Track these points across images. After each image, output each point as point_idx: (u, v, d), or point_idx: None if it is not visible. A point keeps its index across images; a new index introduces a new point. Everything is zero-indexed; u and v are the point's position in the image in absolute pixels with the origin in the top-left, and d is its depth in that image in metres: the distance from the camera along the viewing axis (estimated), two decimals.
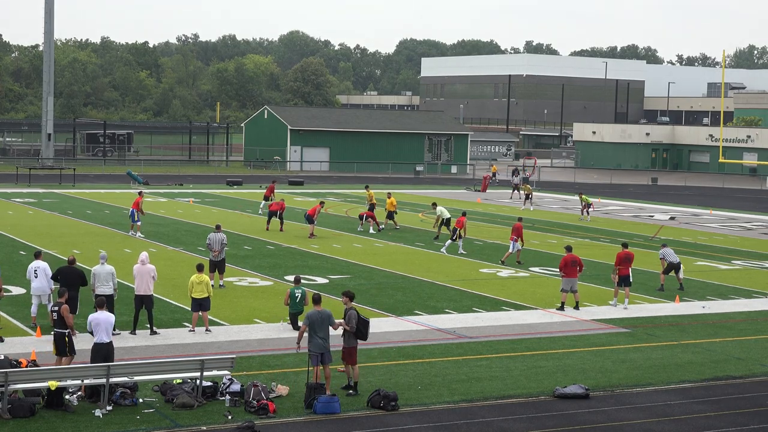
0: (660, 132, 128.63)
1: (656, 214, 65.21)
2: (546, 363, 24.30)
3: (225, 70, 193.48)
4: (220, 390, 20.49)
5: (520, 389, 21.87)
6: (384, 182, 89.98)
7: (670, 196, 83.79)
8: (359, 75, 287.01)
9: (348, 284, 34.35)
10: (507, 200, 73.66)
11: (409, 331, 27.36)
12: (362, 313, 29.48)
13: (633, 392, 22.10)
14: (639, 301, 33.48)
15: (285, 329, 26.49)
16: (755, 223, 62.83)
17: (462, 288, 34.61)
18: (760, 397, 22.03)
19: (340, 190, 79.30)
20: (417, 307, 30.66)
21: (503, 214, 62.89)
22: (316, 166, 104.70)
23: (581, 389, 21.59)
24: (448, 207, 53.44)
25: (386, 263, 39.51)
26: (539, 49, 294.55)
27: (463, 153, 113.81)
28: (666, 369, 24.15)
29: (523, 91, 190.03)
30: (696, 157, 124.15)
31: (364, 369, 22.91)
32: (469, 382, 22.23)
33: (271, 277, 35.35)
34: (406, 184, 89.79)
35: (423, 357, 24.45)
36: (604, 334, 28.02)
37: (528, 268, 39.60)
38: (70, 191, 69.99)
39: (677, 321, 30.25)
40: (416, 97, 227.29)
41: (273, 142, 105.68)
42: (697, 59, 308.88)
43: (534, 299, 32.80)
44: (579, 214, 61.77)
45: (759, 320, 30.97)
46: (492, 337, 27.08)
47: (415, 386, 21.74)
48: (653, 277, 38.72)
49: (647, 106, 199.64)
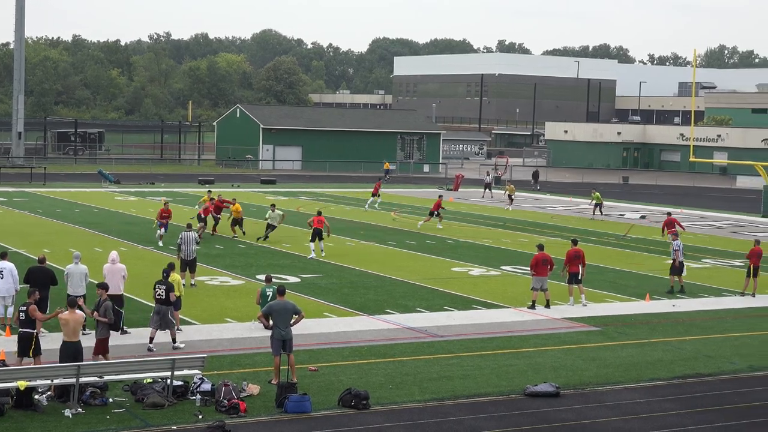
0: (631, 131, 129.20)
1: (627, 213, 65.46)
2: (517, 361, 24.37)
3: (197, 68, 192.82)
4: (190, 389, 20.43)
5: (491, 388, 21.92)
6: (357, 181, 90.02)
7: (641, 195, 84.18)
8: (332, 74, 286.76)
9: (320, 283, 34.37)
10: (479, 199, 73.78)
11: (380, 330, 27.37)
12: (333, 312, 29.57)
13: (603, 390, 22.19)
14: (609, 299, 33.61)
15: (256, 328, 26.44)
16: (725, 221, 63.19)
17: (434, 287, 34.65)
18: (729, 395, 22.17)
19: (313, 189, 79.22)
20: (389, 306, 30.67)
21: (475, 213, 63.00)
22: (289, 165, 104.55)
23: (552, 387, 21.65)
24: (421, 206, 53.40)
25: (358, 262, 39.50)
26: (512, 49, 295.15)
27: (435, 152, 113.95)
28: (636, 367, 24.26)
29: (496, 90, 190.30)
30: (667, 156, 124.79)
31: (335, 368, 22.93)
32: (440, 381, 22.26)
33: (243, 276, 35.28)
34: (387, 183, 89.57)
35: (394, 356, 24.47)
36: (575, 333, 28.12)
37: (499, 267, 39.69)
38: (40, 190, 69.60)
39: (647, 319, 30.39)
40: (389, 96, 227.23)
41: (245, 140, 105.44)
42: (668, 59, 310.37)
43: (505, 298, 32.87)
44: (578, 212, 62.00)
45: (728, 318, 31.16)
46: (463, 335, 27.12)
47: (387, 385, 21.75)
48: (623, 275, 38.92)
49: (619, 106, 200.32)
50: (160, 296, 24.57)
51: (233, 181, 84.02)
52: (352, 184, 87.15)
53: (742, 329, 29.46)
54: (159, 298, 24.59)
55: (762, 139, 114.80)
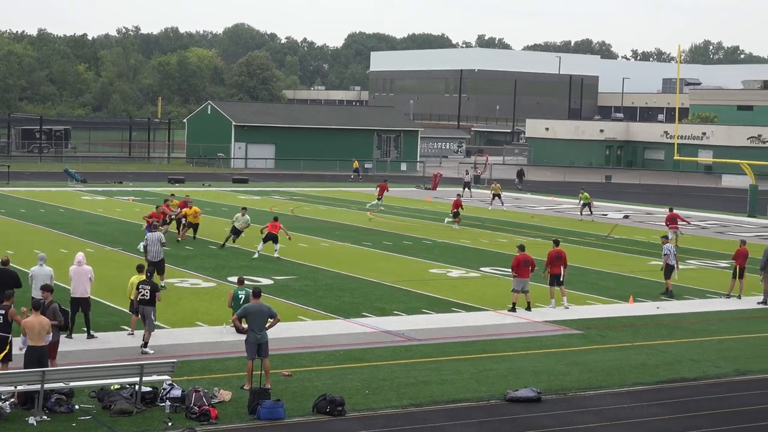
0: (614, 129, 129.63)
1: (610, 213, 65.64)
2: (497, 366, 24.39)
3: (167, 63, 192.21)
4: (159, 396, 20.34)
5: (471, 393, 21.93)
6: (332, 180, 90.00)
7: (624, 194, 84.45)
8: (306, 69, 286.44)
9: (294, 285, 34.31)
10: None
11: (356, 334, 27.34)
12: (307, 315, 29.53)
13: (586, 395, 22.23)
14: (592, 301, 33.70)
15: (228, 332, 26.36)
16: (710, 221, 63.46)
17: (411, 289, 34.65)
18: (714, 400, 22.25)
19: (286, 188, 79.11)
20: (365, 309, 30.65)
21: None
22: (262, 164, 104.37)
23: (533, 392, 21.67)
24: (397, 206, 53.47)
25: (333, 263, 39.47)
26: (491, 44, 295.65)
27: (413, 150, 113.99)
28: (619, 371, 24.32)
29: (475, 86, 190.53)
30: (650, 155, 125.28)
31: (309, 373, 22.89)
32: (418, 386, 22.25)
33: (214, 278, 35.19)
34: (353, 182, 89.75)
35: (371, 360, 24.45)
36: (557, 336, 28.17)
37: (479, 268, 39.73)
38: (4, 189, 69.20)
39: (631, 322, 30.48)
40: (365, 93, 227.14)
41: (217, 138, 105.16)
42: (652, 54, 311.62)
43: (485, 300, 32.90)
44: (574, 212, 61.93)
45: (713, 321, 31.29)
46: (442, 339, 27.12)
47: (363, 390, 21.73)
48: (606, 276, 39.03)
49: (601, 102, 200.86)
50: (144, 296, 24.59)
51: (204, 180, 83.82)
52: (327, 183, 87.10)
53: (727, 332, 29.59)
54: (142, 299, 24.58)
55: (748, 137, 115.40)
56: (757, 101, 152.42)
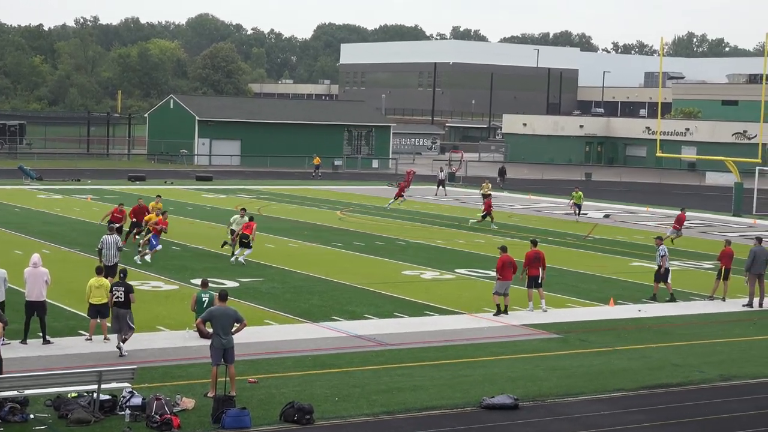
0: (594, 124, 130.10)
1: (590, 212, 65.84)
2: (472, 371, 24.41)
3: (127, 55, 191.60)
4: (119, 404, 20.25)
5: (445, 400, 21.93)
6: (300, 178, 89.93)
7: (605, 192, 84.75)
8: (273, 62, 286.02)
9: (260, 288, 34.25)
10: (431, 197, 73.93)
11: (325, 339, 27.31)
12: (275, 319, 29.46)
13: (565, 402, 22.27)
14: (571, 304, 33.79)
15: (191, 337, 26.28)
16: (694, 221, 63.70)
17: (383, 291, 34.64)
18: (697, 406, 22.34)
19: (252, 186, 78.99)
20: (334, 313, 30.62)
21: (428, 212, 63.10)
22: (226, 160, 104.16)
23: (510, 399, 21.70)
24: (369, 205, 53.47)
25: (301, 265, 39.41)
26: (467, 36, 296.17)
27: (385, 146, 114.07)
28: (599, 377, 24.38)
29: (450, 80, 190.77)
30: (632, 151, 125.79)
31: (276, 379, 22.84)
32: (390, 393, 22.25)
33: (177, 281, 35.09)
34: (323, 179, 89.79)
35: (341, 366, 24.43)
36: (535, 340, 28.22)
37: (453, 270, 39.78)
38: None
39: (612, 325, 30.58)
40: (335, 86, 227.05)
41: (179, 134, 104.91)
42: (633, 47, 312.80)
43: (460, 303, 32.92)
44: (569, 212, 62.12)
45: (697, 324, 31.43)
46: (415, 344, 27.13)
47: (332, 398, 21.70)
48: (586, 278, 39.15)
49: (581, 97, 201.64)
50: (119, 299, 24.54)
51: (166, 177, 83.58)
52: (296, 180, 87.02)
53: (711, 336, 29.73)
54: (117, 301, 24.52)
55: (733, 133, 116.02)
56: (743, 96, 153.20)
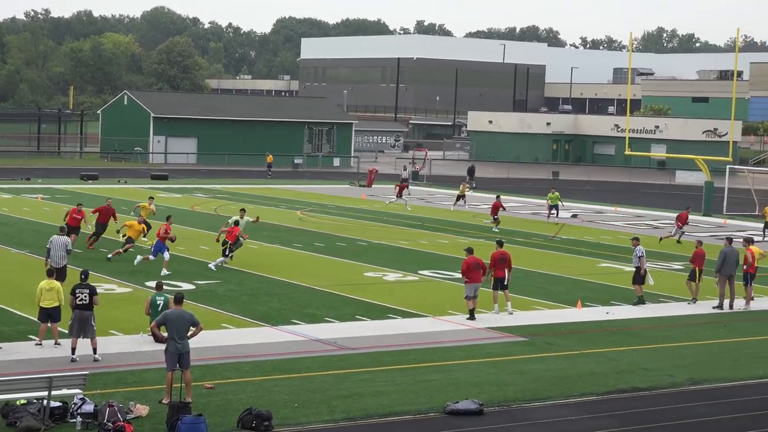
0: (562, 121, 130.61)
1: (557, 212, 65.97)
2: (436, 376, 24.46)
3: (80, 50, 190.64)
4: (70, 411, 20.16)
5: (408, 405, 21.97)
6: (259, 176, 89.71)
7: (573, 191, 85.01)
8: (231, 57, 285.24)
9: (217, 290, 34.17)
10: (394, 197, 73.86)
11: (284, 343, 27.29)
12: (232, 322, 29.41)
13: (530, 407, 22.35)
14: (537, 306, 33.91)
15: (145, 342, 26.18)
16: (663, 221, 64.04)
17: (344, 294, 34.65)
18: (667, 411, 22.46)
19: (209, 185, 78.75)
20: (294, 316, 30.60)
21: (391, 211, 63.11)
22: (183, 159, 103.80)
23: (474, 404, 21.75)
24: (330, 204, 53.42)
25: (260, 266, 39.35)
26: (431, 30, 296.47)
27: (346, 144, 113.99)
28: (566, 381, 24.48)
29: (413, 75, 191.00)
30: (600, 149, 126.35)
31: (234, 385, 22.80)
32: (351, 399, 22.26)
33: (130, 284, 34.94)
34: (283, 178, 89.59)
35: (300, 371, 24.42)
36: (500, 344, 28.30)
37: (417, 272, 39.82)
38: None
39: (579, 328, 30.71)
40: (295, 82, 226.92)
41: (134, 131, 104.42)
42: (602, 42, 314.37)
43: (423, 306, 32.97)
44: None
45: (666, 327, 31.61)
46: (377, 348, 27.16)
47: (292, 404, 21.70)
48: (553, 280, 39.29)
49: (548, 93, 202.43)
50: (82, 301, 24.41)
51: (120, 176, 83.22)
52: (254, 179, 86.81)
53: (681, 338, 29.90)
54: (81, 304, 24.40)
55: (703, 131, 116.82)
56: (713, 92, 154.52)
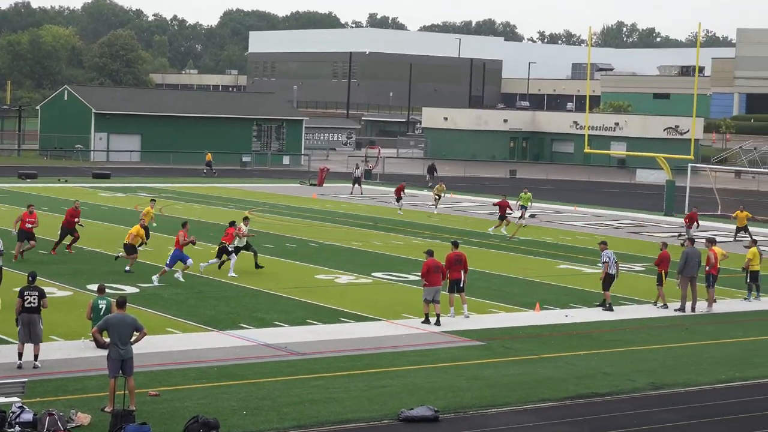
0: (519, 118, 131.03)
1: (515, 212, 66.18)
2: (390, 382, 24.45)
3: (17, 43, 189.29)
4: (8, 420, 20.00)
5: (361, 412, 21.94)
6: (206, 174, 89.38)
7: (530, 190, 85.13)
8: (177, 50, 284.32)
9: (163, 293, 34.00)
10: (346, 196, 73.94)
11: (233, 348, 27.19)
12: (178, 327, 29.27)
13: (487, 413, 22.37)
14: (494, 309, 33.97)
15: (87, 347, 26.02)
16: (623, 221, 64.42)
17: (295, 297, 34.58)
18: (628, 417, 22.54)
19: (154, 184, 78.37)
20: (242, 320, 30.50)
21: (343, 211, 63.08)
22: (126, 156, 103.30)
23: (429, 411, 21.75)
24: (280, 204, 53.30)
25: (207, 269, 39.13)
26: (384, 24, 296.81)
27: (297, 141, 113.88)
28: (524, 386, 24.53)
29: (366, 70, 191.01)
30: (559, 147, 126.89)
31: (180, 392, 22.69)
32: (302, 405, 22.20)
33: (71, 287, 34.72)
34: (230, 177, 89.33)
35: (249, 377, 24.33)
36: (456, 348, 28.32)
37: (370, 274, 39.81)
38: None
39: (537, 332, 30.79)
40: (243, 77, 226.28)
41: (74, 127, 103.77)
42: (560, 37, 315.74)
43: (377, 309, 32.96)
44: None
45: (627, 330, 31.75)
46: (329, 353, 27.11)
47: (240, 411, 21.61)
48: (510, 282, 39.38)
49: (505, 89, 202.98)
50: (31, 304, 24.24)
51: (60, 175, 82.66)
52: (200, 178, 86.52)
53: (642, 342, 30.05)
54: (29, 307, 24.23)
55: (664, 128, 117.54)
56: (675, 89, 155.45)
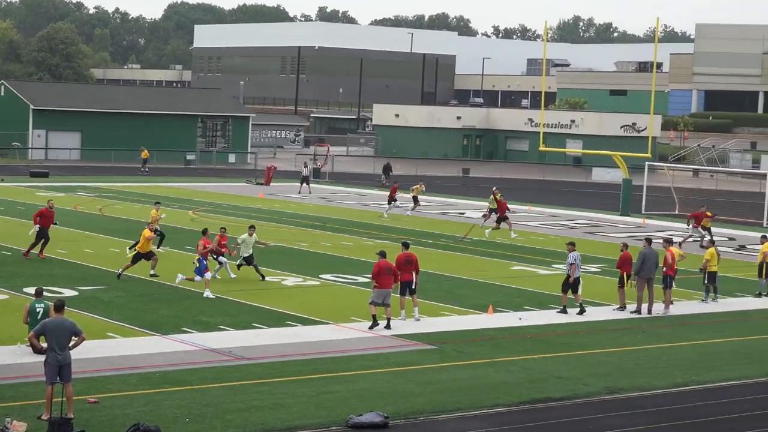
0: (473, 115, 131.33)
1: (467, 211, 66.44)
2: (338, 387, 24.46)
3: None
4: None
5: (308, 419, 21.94)
6: (148, 174, 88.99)
7: (484, 189, 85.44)
8: (119, 45, 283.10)
9: (103, 296, 33.84)
10: (294, 195, 73.86)
11: (175, 353, 27.11)
12: (118, 331, 29.14)
13: (439, 419, 22.43)
14: (446, 312, 34.03)
15: (23, 353, 25.86)
16: (579, 221, 64.72)
17: (240, 300, 34.51)
18: (583, 422, 22.66)
19: (94, 183, 77.94)
20: (185, 324, 30.41)
21: (291, 211, 63.01)
22: (65, 154, 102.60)
23: (379, 417, 21.78)
24: (225, 204, 53.19)
25: (148, 271, 38.99)
26: (334, 17, 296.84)
27: (243, 139, 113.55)
28: (477, 391, 24.61)
29: (315, 66, 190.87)
30: (513, 145, 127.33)
31: (120, 399, 22.61)
32: (247, 412, 22.18)
33: (6, 290, 34.49)
34: (174, 176, 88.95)
35: (192, 383, 24.28)
36: (407, 352, 28.37)
37: (318, 276, 39.81)
38: None
39: (491, 335, 30.88)
40: (188, 72, 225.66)
41: (11, 124, 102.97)
42: (515, 31, 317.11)
43: (325, 312, 32.94)
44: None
45: (582, 333, 31.91)
46: (275, 357, 27.08)
47: (183, 418, 21.57)
48: (463, 284, 39.48)
49: (459, 85, 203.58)
50: None
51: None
52: (143, 177, 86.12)
53: (597, 345, 30.19)
54: None
55: (621, 126, 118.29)
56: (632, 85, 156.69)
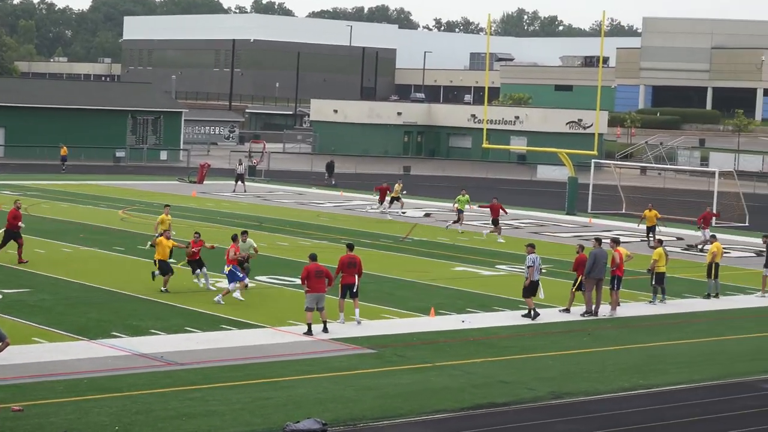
0: (414, 111, 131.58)
1: (408, 211, 66.51)
2: (275, 393, 24.41)
3: None
4: None
5: (243, 426, 21.87)
6: (75, 171, 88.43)
7: (426, 188, 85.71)
8: (45, 37, 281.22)
9: (28, 300, 33.57)
10: (228, 194, 73.63)
11: (104, 358, 26.93)
12: (44, 336, 28.91)
13: (379, 426, 22.43)
14: (387, 315, 34.04)
15: None
16: (524, 220, 64.98)
17: (171, 303, 34.34)
18: (528, 428, 22.75)
19: (18, 181, 77.34)
20: (115, 328, 30.21)
21: (224, 210, 62.82)
22: None
23: (317, 424, 21.75)
24: (156, 203, 52.84)
25: (77, 273, 38.76)
26: (270, 9, 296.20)
27: (175, 135, 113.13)
28: (418, 396, 24.62)
29: (251, 59, 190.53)
30: (456, 142, 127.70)
31: (46, 407, 22.41)
32: (179, 420, 22.08)
33: None
34: (103, 173, 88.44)
35: (122, 390, 24.12)
36: (346, 357, 28.34)
37: (253, 277, 39.67)
38: None
39: (432, 338, 30.90)
40: (117, 66, 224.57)
41: None
42: (457, 24, 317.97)
43: (260, 315, 32.86)
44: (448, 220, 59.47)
45: (526, 335, 32.01)
46: (208, 362, 26.97)
47: (112, 426, 21.43)
48: (404, 285, 39.51)
49: (399, 80, 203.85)
50: None
51: None
52: (69, 175, 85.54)
53: (543, 349, 30.28)
54: None
55: (567, 122, 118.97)
56: (578, 80, 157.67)
